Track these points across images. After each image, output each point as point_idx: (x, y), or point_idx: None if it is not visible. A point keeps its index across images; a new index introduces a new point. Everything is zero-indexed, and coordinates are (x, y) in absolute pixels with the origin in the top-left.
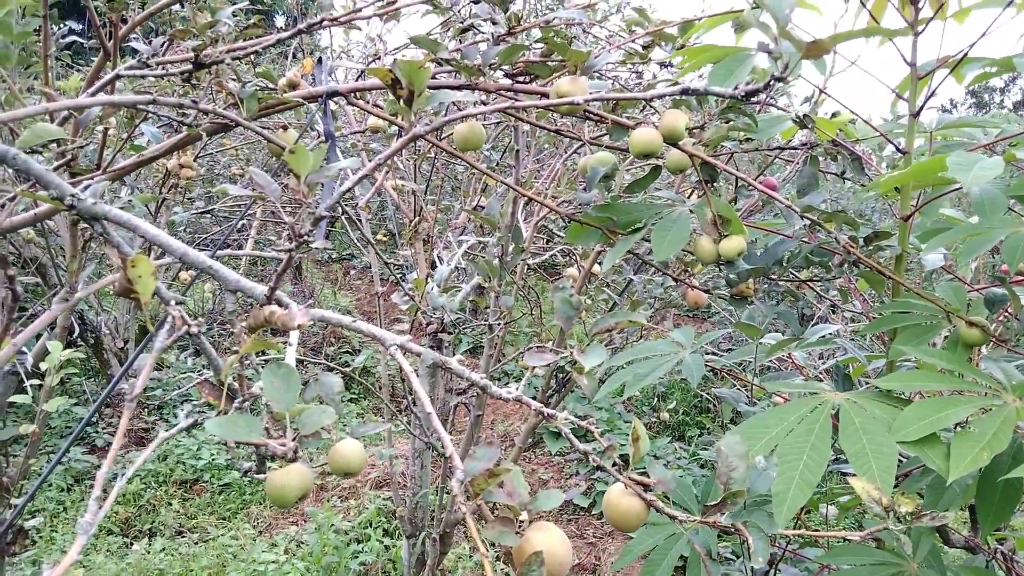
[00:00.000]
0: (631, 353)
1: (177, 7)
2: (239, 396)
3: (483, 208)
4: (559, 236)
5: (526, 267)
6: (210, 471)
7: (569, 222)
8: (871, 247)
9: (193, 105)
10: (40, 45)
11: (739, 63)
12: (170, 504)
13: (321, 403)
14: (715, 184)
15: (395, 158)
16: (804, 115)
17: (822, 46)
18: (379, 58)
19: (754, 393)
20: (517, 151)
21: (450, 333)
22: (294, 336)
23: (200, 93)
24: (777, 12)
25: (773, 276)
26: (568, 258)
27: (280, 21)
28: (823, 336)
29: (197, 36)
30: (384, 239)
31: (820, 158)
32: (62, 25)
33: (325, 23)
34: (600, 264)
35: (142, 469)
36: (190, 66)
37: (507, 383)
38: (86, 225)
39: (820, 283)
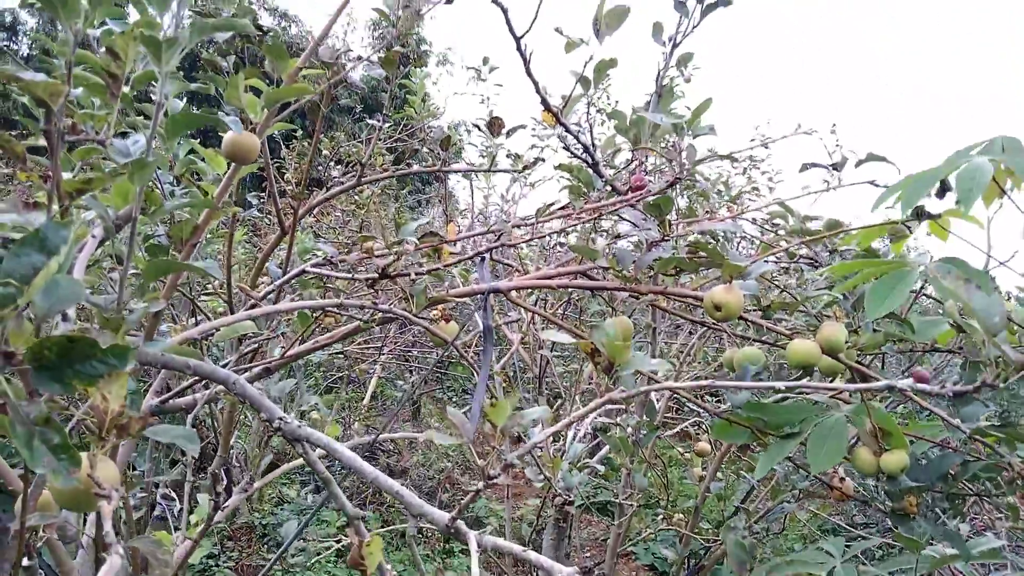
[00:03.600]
0: (778, 570)
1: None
2: None
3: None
4: (689, 407)
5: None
6: None
7: (714, 418)
8: None
9: (373, 306)
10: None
11: (899, 280)
12: None
13: None
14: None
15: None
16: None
17: None
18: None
19: None
20: (654, 329)
21: (576, 504)
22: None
23: (379, 294)
24: (987, 321)
25: (938, 491)
26: (698, 429)
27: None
28: (990, 549)
29: (384, 244)
30: (504, 385)
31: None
32: (247, 201)
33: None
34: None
35: None
36: (375, 275)
37: (636, 558)
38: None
39: (988, 499)
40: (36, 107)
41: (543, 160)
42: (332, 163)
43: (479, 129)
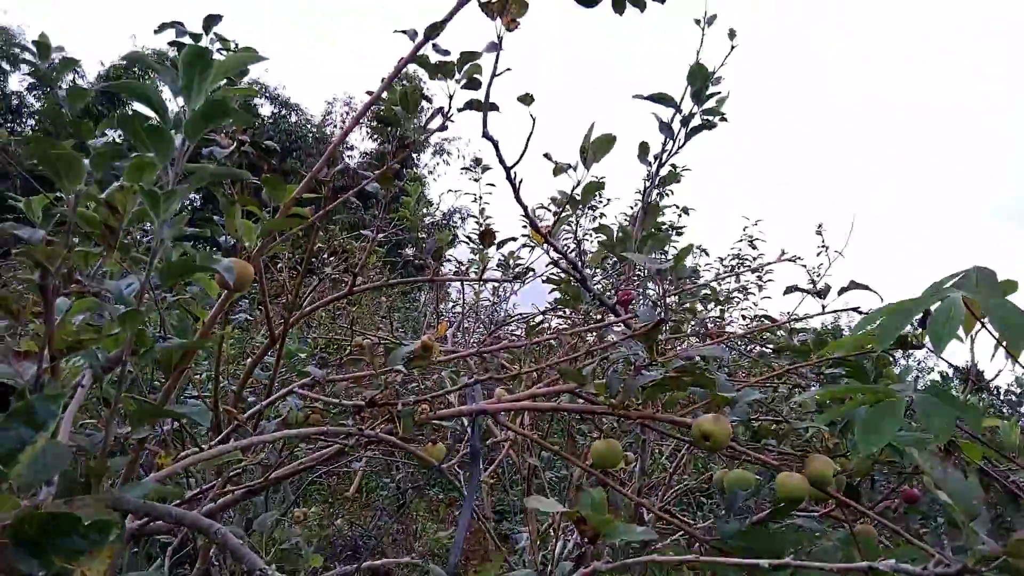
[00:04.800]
0: None
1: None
2: None
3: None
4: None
5: None
6: None
7: (703, 547)
8: None
9: (360, 432)
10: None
11: (889, 412)
12: None
13: None
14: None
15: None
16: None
17: None
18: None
19: None
20: (644, 440)
21: None
22: None
23: (364, 420)
24: (964, 504)
25: None
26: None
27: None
28: None
29: (372, 371)
30: (492, 481)
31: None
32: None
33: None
34: None
35: None
36: (363, 403)
37: None
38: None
39: None
40: (34, 267)
41: (533, 271)
42: (327, 256)
43: (469, 241)
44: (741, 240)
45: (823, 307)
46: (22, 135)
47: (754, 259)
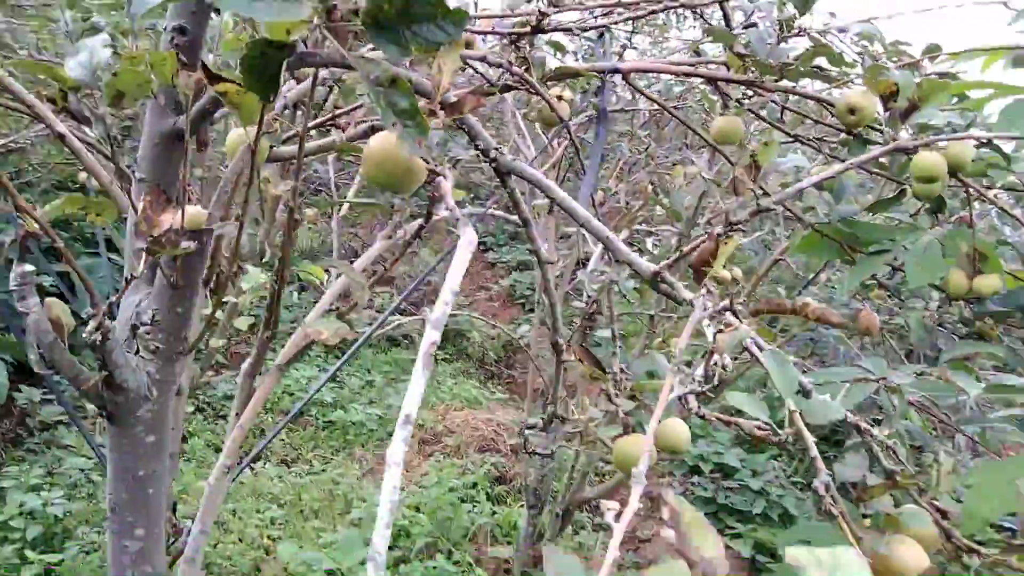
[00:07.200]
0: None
1: None
2: None
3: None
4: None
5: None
6: (316, 406)
7: (808, 229)
8: None
9: (509, 66)
10: None
11: None
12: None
13: None
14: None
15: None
16: None
17: None
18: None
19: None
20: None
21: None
22: None
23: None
24: None
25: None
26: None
27: None
28: None
29: None
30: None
31: None
32: None
33: None
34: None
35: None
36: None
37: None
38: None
39: None
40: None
41: None
42: None
43: None
44: None
45: None
46: None
47: None
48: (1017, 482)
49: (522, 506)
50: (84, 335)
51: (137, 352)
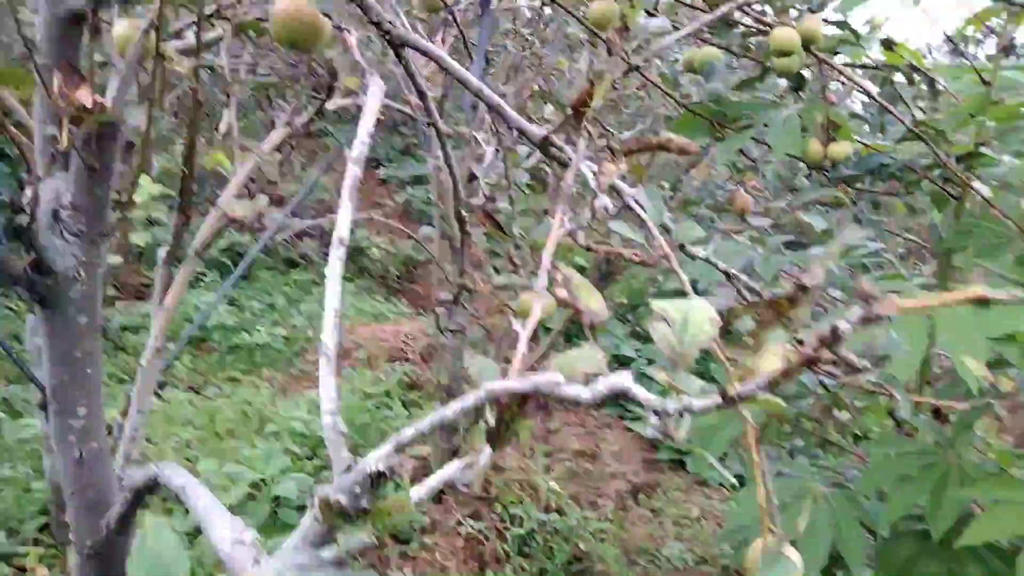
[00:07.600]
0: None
1: None
2: None
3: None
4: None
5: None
6: (218, 331)
7: (683, 109)
8: (967, 164)
9: None
10: None
11: None
12: (178, 359)
13: None
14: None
15: None
16: (888, 38)
17: None
18: None
19: None
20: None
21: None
22: None
23: None
24: None
25: (860, 187)
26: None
27: None
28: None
29: None
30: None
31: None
32: None
33: None
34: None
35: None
36: None
37: None
38: None
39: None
40: None
41: None
42: None
43: None
44: None
45: None
46: None
47: None
48: None
49: (436, 408)
50: (5, 219)
51: (61, 236)
